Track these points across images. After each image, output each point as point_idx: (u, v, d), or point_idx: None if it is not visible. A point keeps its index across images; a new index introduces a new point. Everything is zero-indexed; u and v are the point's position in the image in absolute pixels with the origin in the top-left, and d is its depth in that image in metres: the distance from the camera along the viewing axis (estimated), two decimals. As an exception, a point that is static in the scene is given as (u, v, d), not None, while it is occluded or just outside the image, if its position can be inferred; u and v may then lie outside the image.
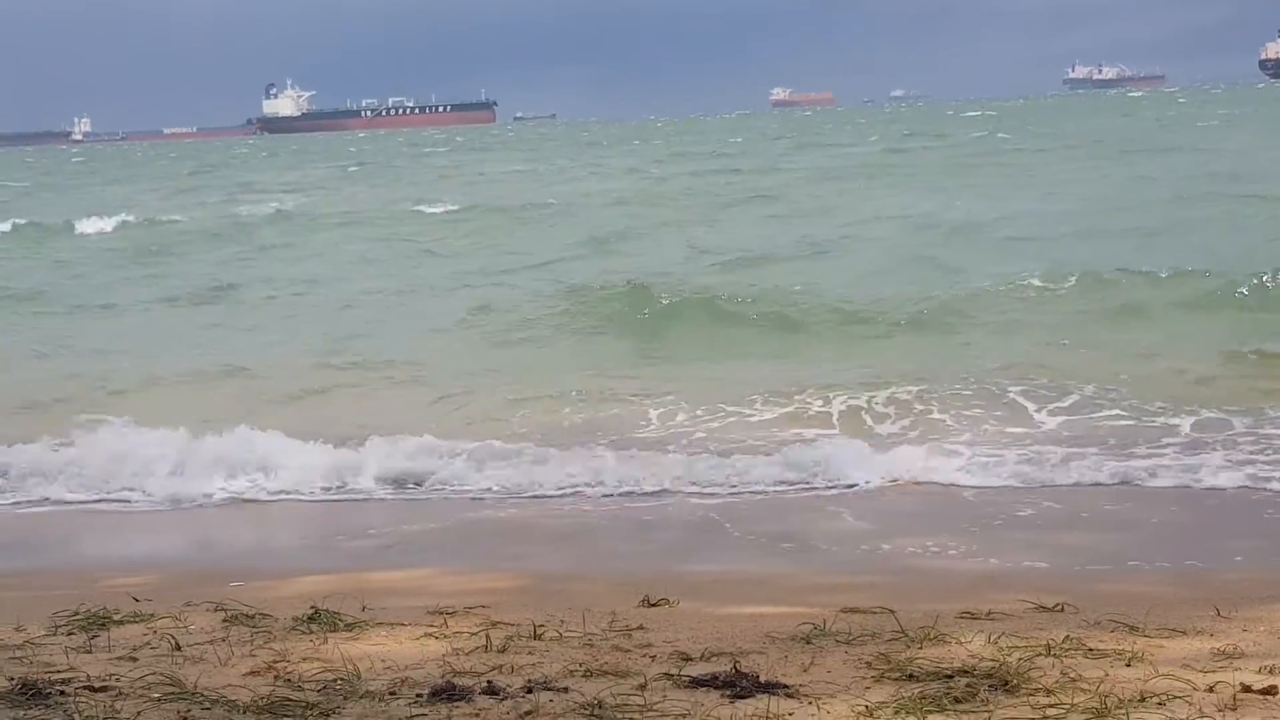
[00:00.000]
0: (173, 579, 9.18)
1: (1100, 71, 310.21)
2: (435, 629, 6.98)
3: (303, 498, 12.49)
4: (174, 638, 6.80)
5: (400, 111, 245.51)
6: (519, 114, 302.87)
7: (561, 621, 7.03)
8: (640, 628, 6.94)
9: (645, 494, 11.88)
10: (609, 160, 72.91)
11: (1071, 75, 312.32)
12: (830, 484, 11.87)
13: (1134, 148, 54.36)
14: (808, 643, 6.52)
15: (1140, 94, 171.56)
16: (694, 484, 11.97)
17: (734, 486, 11.87)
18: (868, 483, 11.83)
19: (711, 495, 11.75)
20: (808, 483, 11.91)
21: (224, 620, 7.28)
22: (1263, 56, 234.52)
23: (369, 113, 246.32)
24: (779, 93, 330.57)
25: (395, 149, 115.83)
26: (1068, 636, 6.43)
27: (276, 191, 57.93)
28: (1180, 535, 10.18)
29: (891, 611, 6.94)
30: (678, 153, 78.05)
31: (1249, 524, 10.36)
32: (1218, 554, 9.53)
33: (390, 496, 12.37)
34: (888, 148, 68.76)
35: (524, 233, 35.35)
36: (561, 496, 11.96)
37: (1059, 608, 7.20)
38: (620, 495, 11.88)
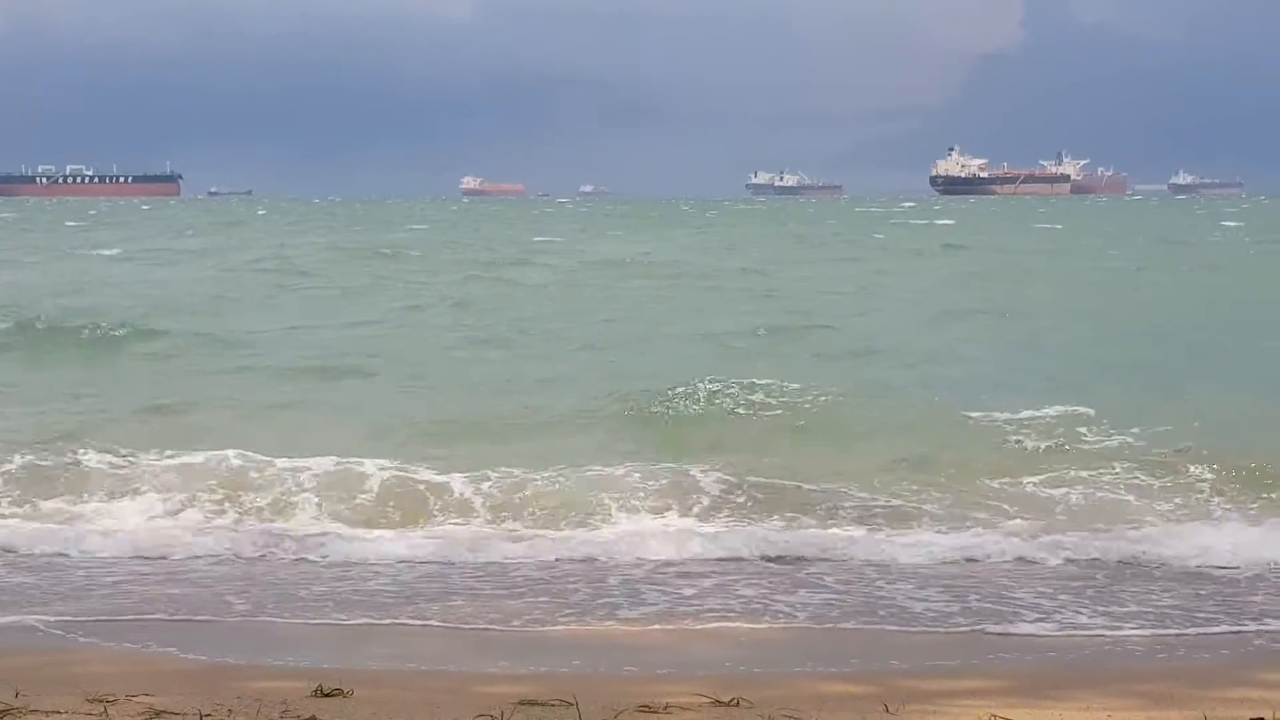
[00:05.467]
0: None
1: (781, 179, 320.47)
2: (94, 718, 6.65)
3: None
4: None
5: (79, 180, 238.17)
6: (214, 188, 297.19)
7: (230, 711, 6.78)
8: (313, 718, 6.74)
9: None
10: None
11: (754, 180, 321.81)
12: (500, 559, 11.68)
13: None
14: (485, 737, 6.42)
15: (813, 201, 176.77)
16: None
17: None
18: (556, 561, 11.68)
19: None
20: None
21: None
22: (933, 173, 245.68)
23: (45, 179, 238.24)
24: (470, 181, 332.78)
25: None
26: (743, 732, 6.48)
27: None
28: (843, 628, 10.26)
29: (570, 704, 6.90)
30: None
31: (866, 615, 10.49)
32: (886, 647, 9.67)
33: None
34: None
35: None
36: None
37: (735, 703, 7.25)
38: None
